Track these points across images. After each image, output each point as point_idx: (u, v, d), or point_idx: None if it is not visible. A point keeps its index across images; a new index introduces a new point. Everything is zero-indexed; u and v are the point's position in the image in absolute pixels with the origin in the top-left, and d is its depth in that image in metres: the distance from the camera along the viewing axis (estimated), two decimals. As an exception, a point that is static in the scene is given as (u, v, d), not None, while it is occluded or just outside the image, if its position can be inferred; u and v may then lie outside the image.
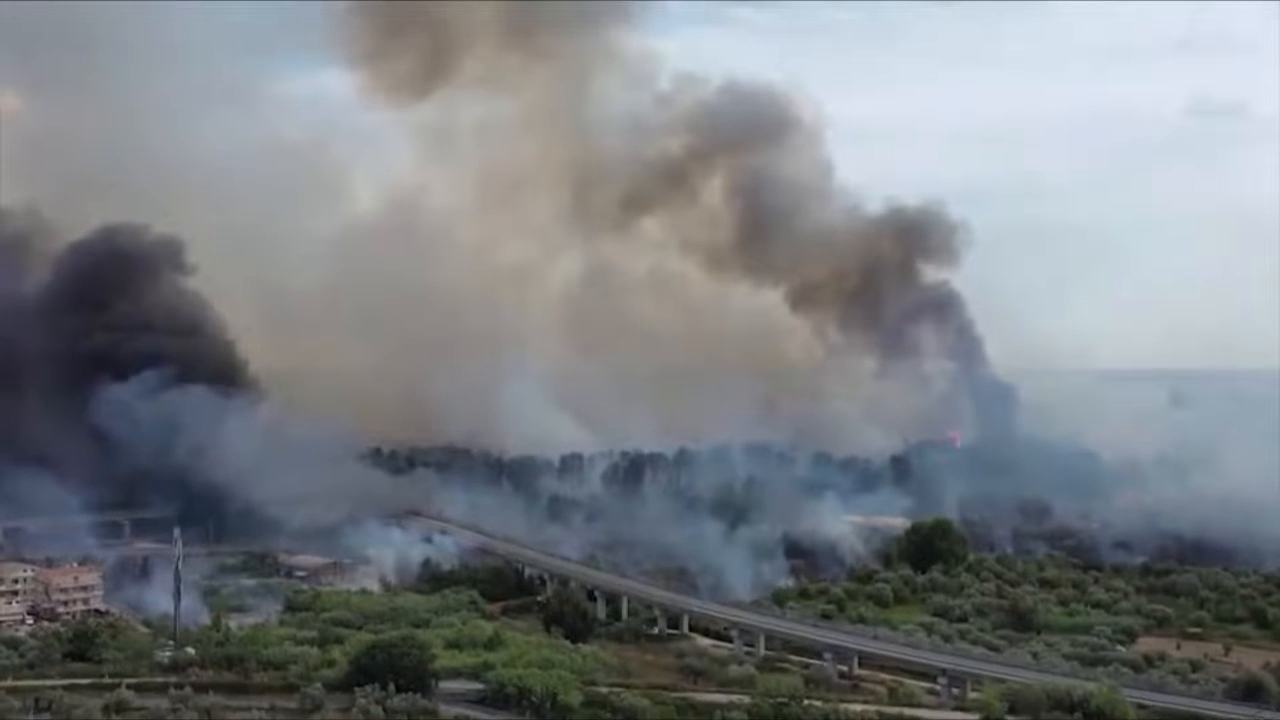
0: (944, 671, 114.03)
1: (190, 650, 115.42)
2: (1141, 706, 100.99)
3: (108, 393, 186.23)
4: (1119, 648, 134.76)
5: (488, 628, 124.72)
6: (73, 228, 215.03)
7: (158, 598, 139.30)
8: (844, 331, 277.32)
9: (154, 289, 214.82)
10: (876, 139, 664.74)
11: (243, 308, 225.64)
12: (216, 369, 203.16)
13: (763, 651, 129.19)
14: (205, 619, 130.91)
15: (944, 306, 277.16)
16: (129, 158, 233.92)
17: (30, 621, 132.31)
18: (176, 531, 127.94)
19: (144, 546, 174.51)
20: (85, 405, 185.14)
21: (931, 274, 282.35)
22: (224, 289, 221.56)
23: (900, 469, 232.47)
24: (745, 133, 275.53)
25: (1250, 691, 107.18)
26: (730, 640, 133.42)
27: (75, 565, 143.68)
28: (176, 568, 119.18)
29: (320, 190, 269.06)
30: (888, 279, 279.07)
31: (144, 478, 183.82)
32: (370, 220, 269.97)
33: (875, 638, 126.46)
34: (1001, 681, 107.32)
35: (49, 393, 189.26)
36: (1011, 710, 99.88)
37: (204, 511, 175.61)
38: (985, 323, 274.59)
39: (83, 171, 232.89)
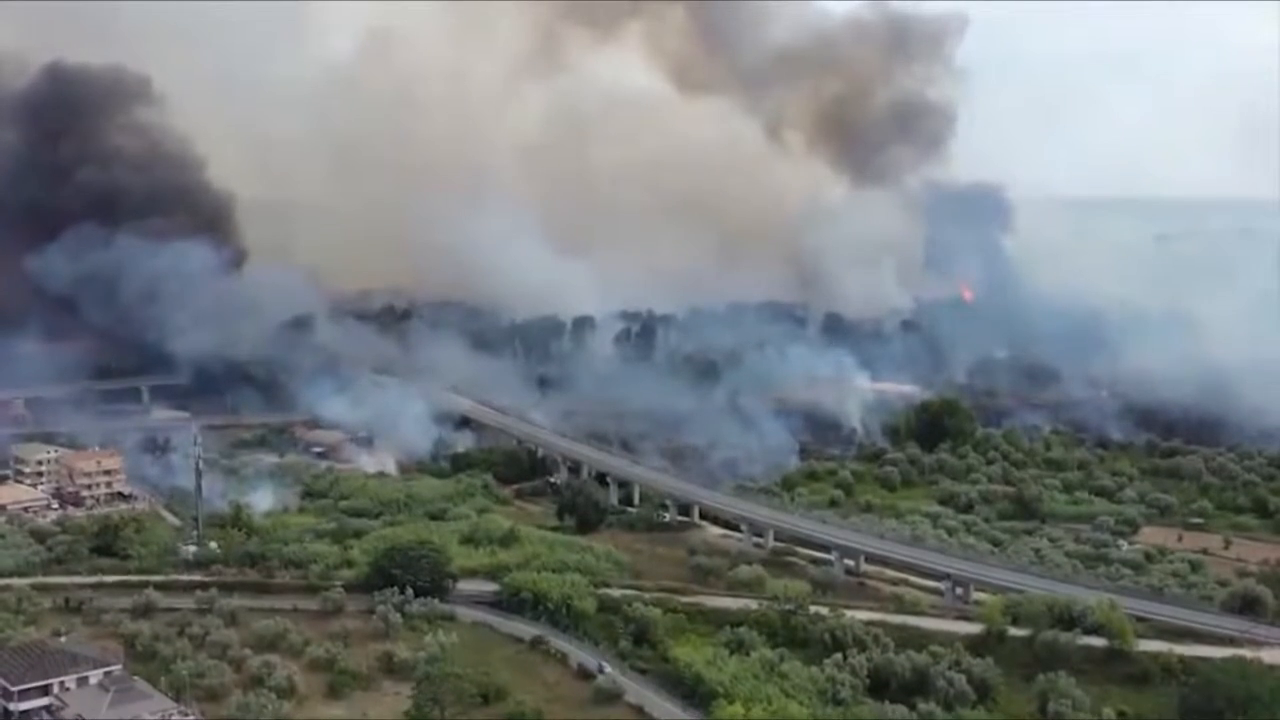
0: (948, 576, 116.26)
1: (214, 545, 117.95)
2: (1140, 619, 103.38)
3: (46, 250, 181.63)
4: (1121, 542, 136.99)
5: (503, 522, 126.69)
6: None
7: (178, 476, 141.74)
8: (827, 161, 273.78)
9: (109, 125, 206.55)
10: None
11: (225, 151, 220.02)
12: (198, 210, 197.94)
13: (771, 543, 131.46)
14: (225, 502, 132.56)
15: (920, 119, 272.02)
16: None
17: (55, 506, 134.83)
18: (195, 428, 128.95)
19: (162, 415, 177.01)
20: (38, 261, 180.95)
21: (907, 86, 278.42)
22: (203, 133, 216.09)
23: (910, 331, 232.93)
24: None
25: (1248, 604, 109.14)
26: (740, 530, 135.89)
27: (97, 449, 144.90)
28: (197, 465, 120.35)
29: (295, 24, 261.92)
30: (864, 93, 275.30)
31: (107, 338, 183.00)
32: (346, 57, 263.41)
33: (882, 537, 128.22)
34: (1004, 590, 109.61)
35: (8, 251, 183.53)
36: (1013, 623, 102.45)
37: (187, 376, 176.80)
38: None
39: (52, 13, 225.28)
